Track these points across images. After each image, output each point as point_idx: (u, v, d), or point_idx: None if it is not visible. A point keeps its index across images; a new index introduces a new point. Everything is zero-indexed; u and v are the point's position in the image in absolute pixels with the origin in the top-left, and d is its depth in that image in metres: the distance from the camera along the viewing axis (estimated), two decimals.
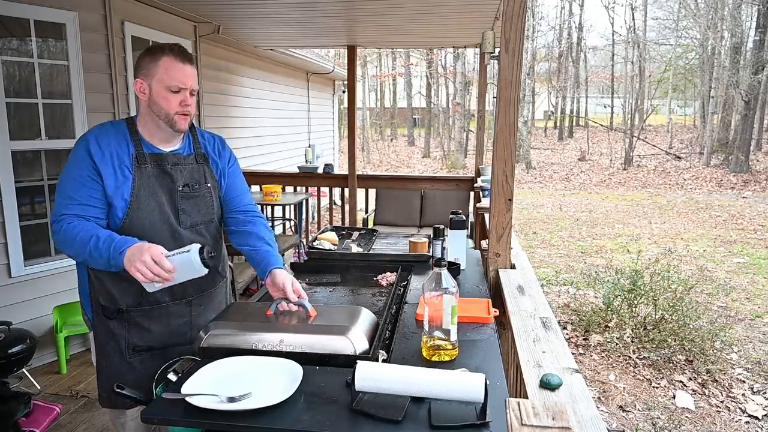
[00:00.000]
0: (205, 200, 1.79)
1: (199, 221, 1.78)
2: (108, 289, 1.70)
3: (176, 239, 1.70)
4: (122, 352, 1.73)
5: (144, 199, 1.66)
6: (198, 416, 1.17)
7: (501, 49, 2.10)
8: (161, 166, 1.70)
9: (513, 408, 1.03)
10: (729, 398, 3.60)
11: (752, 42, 16.63)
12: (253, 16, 4.68)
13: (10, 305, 3.39)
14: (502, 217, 2.21)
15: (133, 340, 1.73)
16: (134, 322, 1.73)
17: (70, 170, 1.63)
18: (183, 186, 1.73)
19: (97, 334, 1.76)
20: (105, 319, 1.72)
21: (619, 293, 4.55)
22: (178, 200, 1.72)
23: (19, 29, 3.44)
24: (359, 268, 2.31)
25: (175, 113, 1.66)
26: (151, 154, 1.70)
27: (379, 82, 29.49)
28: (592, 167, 18.02)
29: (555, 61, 24.26)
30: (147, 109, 1.68)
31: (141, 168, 1.66)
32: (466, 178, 6.19)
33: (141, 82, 1.66)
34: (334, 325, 1.49)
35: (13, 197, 3.36)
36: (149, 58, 1.66)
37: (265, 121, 7.58)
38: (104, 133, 1.68)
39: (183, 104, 1.66)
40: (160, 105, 1.65)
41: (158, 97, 1.65)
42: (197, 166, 1.79)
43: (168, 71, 1.63)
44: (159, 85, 1.64)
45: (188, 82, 1.66)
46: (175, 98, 1.65)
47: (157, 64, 1.64)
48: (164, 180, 1.70)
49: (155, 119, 1.68)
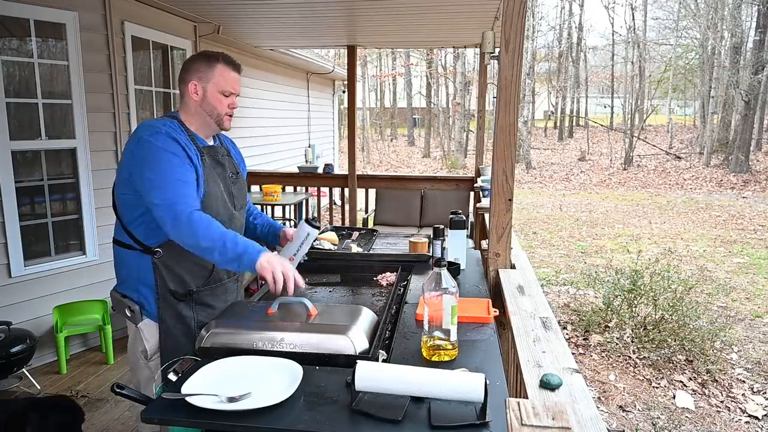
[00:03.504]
0: (243, 186, 2.00)
1: (243, 204, 1.99)
2: (178, 274, 1.81)
3: (232, 220, 1.88)
4: (191, 332, 1.82)
5: (210, 187, 1.81)
6: (198, 416, 1.17)
7: (501, 49, 2.10)
8: (215, 157, 1.88)
9: (513, 408, 1.03)
10: (729, 398, 3.60)
11: (752, 42, 16.64)
12: (253, 16, 4.68)
13: (10, 305, 3.38)
14: (502, 217, 2.21)
15: (200, 318, 1.85)
16: (201, 301, 1.86)
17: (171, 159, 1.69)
18: (231, 173, 1.93)
19: (164, 319, 1.81)
20: (174, 302, 1.81)
21: (619, 293, 4.55)
22: (230, 186, 1.91)
23: (19, 29, 3.44)
24: (359, 268, 2.31)
25: (224, 114, 1.85)
26: (206, 147, 1.86)
27: (379, 82, 29.49)
28: (592, 167, 18.02)
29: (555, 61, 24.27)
30: (198, 109, 1.83)
31: (203, 160, 1.82)
32: (466, 178, 6.19)
33: (195, 84, 1.81)
34: (334, 324, 1.49)
35: (13, 197, 3.35)
36: (205, 63, 1.82)
37: (265, 121, 7.57)
38: (169, 125, 1.77)
39: (231, 106, 1.86)
40: (213, 106, 1.82)
41: (212, 98, 1.81)
42: (229, 158, 1.97)
43: (223, 76, 1.81)
44: (214, 89, 1.81)
45: (237, 88, 1.87)
46: (226, 101, 1.84)
47: (213, 69, 1.81)
48: (218, 169, 1.88)
49: (205, 118, 1.84)
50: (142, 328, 1.82)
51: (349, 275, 2.28)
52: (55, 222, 3.66)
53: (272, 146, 7.90)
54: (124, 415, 2.98)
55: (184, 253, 1.72)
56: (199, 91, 1.81)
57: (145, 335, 1.82)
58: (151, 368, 1.83)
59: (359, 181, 6.10)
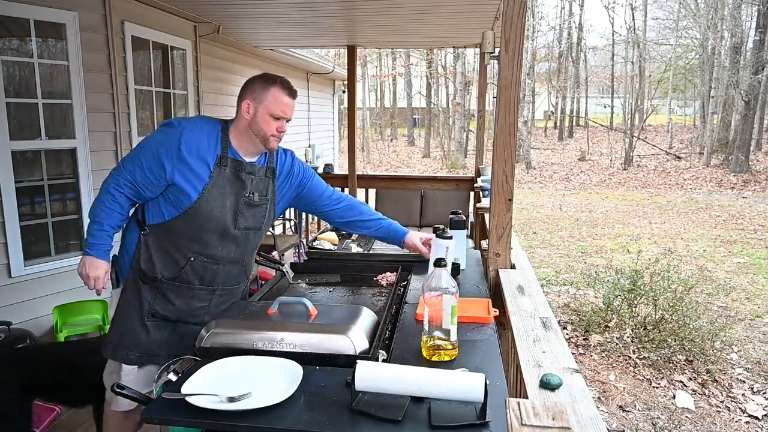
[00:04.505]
0: (262, 210, 1.99)
1: (252, 226, 1.98)
2: (152, 258, 1.90)
3: (225, 236, 1.91)
4: (142, 315, 1.93)
5: (214, 196, 1.85)
6: (198, 416, 1.17)
7: (501, 49, 2.10)
8: (238, 172, 1.90)
9: (513, 408, 1.03)
10: (729, 398, 3.60)
11: (752, 42, 16.63)
12: (253, 16, 4.68)
13: (10, 305, 3.38)
14: (502, 217, 2.21)
15: (155, 307, 1.93)
16: (163, 292, 1.92)
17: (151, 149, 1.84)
18: (250, 194, 1.93)
19: (126, 292, 1.95)
20: (139, 282, 1.92)
21: (619, 293, 4.54)
22: (241, 205, 1.92)
23: (19, 29, 3.44)
24: (359, 268, 2.31)
25: (271, 135, 1.88)
26: (233, 159, 1.89)
27: (379, 82, 29.48)
28: (592, 167, 18.02)
29: (555, 61, 24.26)
30: (247, 127, 1.88)
31: (221, 168, 1.86)
32: (466, 178, 6.19)
33: (249, 103, 1.87)
34: (334, 324, 1.49)
35: (13, 197, 3.35)
36: (262, 85, 1.87)
37: None
38: (198, 127, 1.88)
39: (279, 130, 1.89)
40: (261, 127, 1.86)
41: (261, 120, 1.85)
42: (265, 179, 1.98)
43: (276, 100, 1.86)
44: (264, 111, 1.85)
45: (288, 113, 1.89)
46: (275, 124, 1.87)
47: (268, 92, 1.86)
48: (236, 185, 1.90)
49: (251, 136, 1.89)
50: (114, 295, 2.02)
51: (349, 275, 2.28)
52: (55, 222, 3.66)
53: None
54: None
55: (165, 241, 1.89)
56: (251, 110, 1.86)
57: (113, 301, 2.02)
58: None
59: (359, 181, 6.10)
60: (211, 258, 1.93)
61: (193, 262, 1.90)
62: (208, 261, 1.92)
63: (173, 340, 1.97)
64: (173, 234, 1.89)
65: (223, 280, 2.00)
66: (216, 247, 1.92)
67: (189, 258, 1.90)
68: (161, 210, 1.89)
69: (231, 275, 2.01)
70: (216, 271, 1.95)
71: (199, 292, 1.96)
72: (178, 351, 1.94)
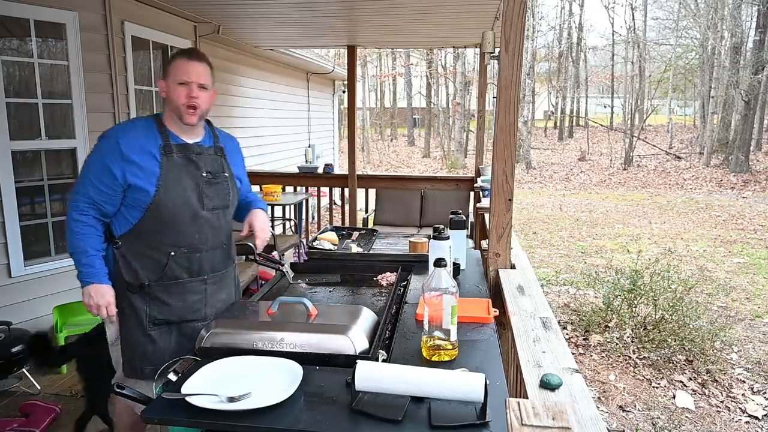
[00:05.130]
0: (224, 187, 1.99)
1: (219, 206, 1.98)
2: (133, 267, 1.89)
3: (196, 221, 1.91)
4: (143, 325, 1.92)
5: (171, 184, 1.85)
6: (198, 416, 1.17)
7: (501, 49, 2.10)
8: (187, 155, 1.91)
9: (513, 408, 1.03)
10: (729, 398, 3.60)
11: (752, 42, 16.63)
12: (253, 16, 4.68)
13: (10, 305, 3.38)
14: (502, 217, 2.21)
15: (153, 314, 1.92)
16: (155, 296, 1.91)
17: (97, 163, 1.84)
18: (206, 173, 1.93)
19: (121, 308, 1.92)
20: (128, 294, 1.90)
21: (619, 293, 4.54)
22: (202, 185, 1.92)
23: (19, 29, 3.44)
24: (359, 268, 2.31)
25: (182, 104, 1.85)
26: (177, 144, 1.90)
27: (379, 82, 29.48)
28: (592, 167, 18.02)
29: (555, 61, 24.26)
30: (166, 105, 1.91)
31: (168, 157, 1.86)
32: (466, 178, 6.18)
33: (162, 81, 1.90)
34: (334, 324, 1.49)
35: (13, 197, 3.35)
36: (169, 61, 1.91)
37: (265, 121, 7.57)
38: (133, 125, 1.91)
39: (189, 96, 1.84)
40: (171, 98, 1.87)
41: (172, 92, 1.86)
42: (216, 157, 1.99)
43: (177, 68, 1.86)
44: (171, 81, 1.86)
45: (193, 76, 1.85)
46: (183, 91, 1.84)
47: (171, 64, 1.88)
48: (190, 167, 1.90)
49: (171, 113, 1.90)
50: None
51: (349, 275, 2.28)
52: (55, 222, 3.66)
53: (272, 146, 7.90)
54: None
55: (140, 246, 1.89)
56: (164, 87, 1.89)
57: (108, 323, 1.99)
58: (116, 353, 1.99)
59: (359, 181, 6.10)
60: (191, 247, 1.92)
61: (174, 256, 1.90)
62: (189, 251, 1.92)
63: (182, 344, 1.94)
64: (145, 236, 1.88)
65: (211, 267, 1.99)
66: (192, 236, 1.91)
67: (169, 253, 1.89)
68: (126, 217, 1.88)
69: (216, 260, 2.01)
70: (200, 259, 1.95)
71: (190, 285, 1.95)
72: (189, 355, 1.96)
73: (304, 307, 1.58)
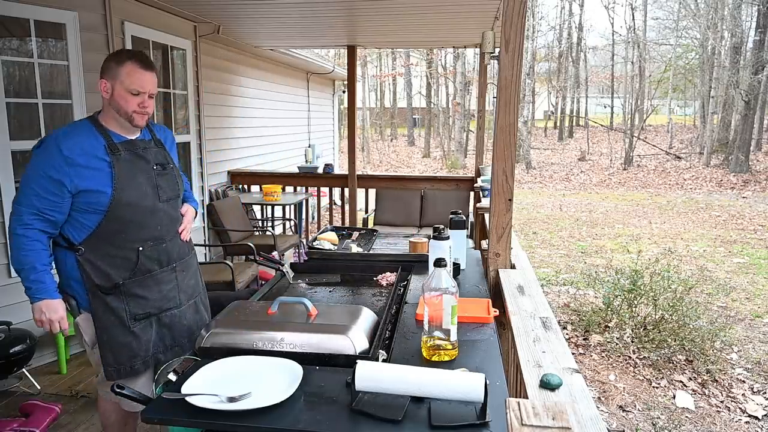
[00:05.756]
0: (173, 178, 2.03)
1: (173, 196, 2.02)
2: (102, 269, 1.87)
3: (155, 213, 1.93)
4: (124, 323, 1.92)
5: (126, 181, 1.85)
6: (198, 416, 1.17)
7: (501, 49, 2.10)
8: (134, 151, 1.91)
9: (513, 408, 1.03)
10: (729, 398, 3.60)
11: (752, 42, 16.62)
12: (253, 16, 4.68)
13: (10, 305, 3.38)
14: (502, 217, 2.21)
15: (133, 310, 1.93)
16: (131, 293, 1.92)
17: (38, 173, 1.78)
18: (156, 165, 1.96)
19: (96, 312, 1.90)
20: (102, 296, 1.88)
21: (619, 293, 4.54)
22: (155, 178, 1.94)
23: (19, 29, 3.44)
24: (359, 268, 2.31)
25: (133, 111, 1.86)
26: (122, 142, 1.89)
27: (379, 82, 29.47)
28: (592, 167, 18.02)
29: (555, 61, 24.25)
30: (108, 106, 1.88)
31: (116, 155, 1.86)
32: (466, 178, 6.18)
33: (105, 82, 1.86)
34: (334, 324, 1.49)
35: (13, 197, 3.35)
36: (114, 61, 1.85)
37: (265, 121, 7.57)
38: (70, 130, 1.85)
39: (141, 105, 1.87)
40: (119, 104, 1.85)
41: (119, 97, 1.84)
42: (159, 149, 2.02)
43: (130, 76, 1.83)
44: (120, 87, 1.83)
45: (147, 87, 1.86)
46: (134, 100, 1.85)
47: (121, 68, 1.83)
48: (139, 163, 1.91)
49: (115, 115, 1.88)
50: (79, 322, 1.95)
51: (349, 275, 2.28)
52: None
53: (272, 146, 7.90)
54: None
55: (105, 248, 1.87)
56: (108, 89, 1.85)
57: (82, 327, 1.95)
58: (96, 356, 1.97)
59: (359, 181, 6.10)
60: (156, 239, 1.96)
61: (143, 251, 1.92)
62: (155, 243, 1.96)
63: (162, 334, 2.01)
64: (109, 236, 1.86)
65: (177, 255, 2.06)
66: (155, 228, 1.95)
67: (138, 249, 1.91)
68: (81, 222, 1.85)
69: (180, 248, 2.07)
70: (166, 249, 2.00)
71: (161, 276, 1.99)
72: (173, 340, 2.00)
73: (304, 307, 1.58)
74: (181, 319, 2.07)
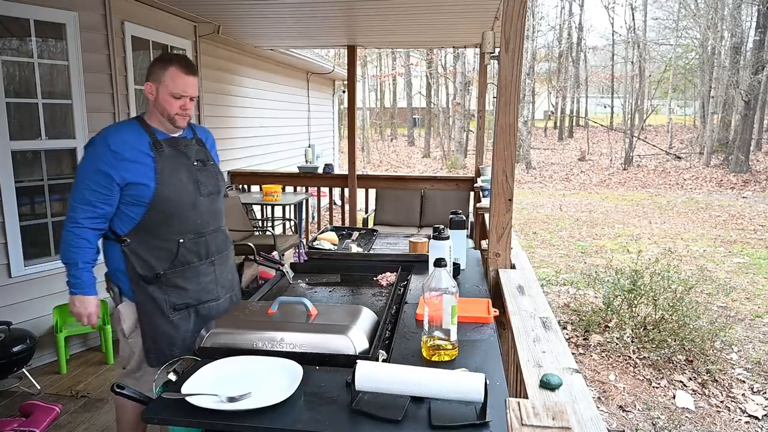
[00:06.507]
0: (213, 174, 2.13)
1: (213, 191, 2.11)
2: (145, 260, 1.98)
3: (196, 207, 2.03)
4: (164, 312, 2.02)
5: (168, 176, 1.96)
6: (198, 416, 1.17)
7: (501, 49, 2.10)
8: (176, 147, 2.03)
9: (513, 408, 1.03)
10: (729, 398, 3.60)
11: (752, 42, 16.63)
12: (253, 16, 4.68)
13: (10, 305, 3.38)
14: (502, 217, 2.21)
15: (172, 300, 2.02)
16: (171, 283, 2.02)
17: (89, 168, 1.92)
18: (196, 161, 2.07)
19: (139, 301, 2.02)
20: (144, 285, 1.99)
21: (619, 293, 4.54)
22: (195, 173, 2.04)
23: (19, 29, 3.44)
24: (359, 268, 2.31)
25: (175, 114, 1.98)
26: (165, 139, 2.01)
27: (379, 82, 29.47)
28: (592, 167, 18.02)
29: (555, 61, 24.24)
30: (152, 108, 2.00)
31: (159, 151, 1.97)
32: (466, 178, 6.18)
33: (150, 85, 1.97)
34: (334, 324, 1.49)
35: (13, 197, 3.35)
36: (160, 65, 1.97)
37: (265, 121, 7.57)
38: (118, 127, 2.02)
39: (182, 108, 1.98)
40: (163, 106, 1.97)
41: (163, 100, 1.96)
42: (199, 147, 2.13)
43: (173, 80, 1.94)
44: (164, 91, 1.95)
45: (189, 91, 1.98)
46: (176, 102, 1.97)
47: (165, 72, 1.95)
48: (180, 158, 2.02)
49: (158, 116, 2.00)
50: (120, 309, 2.04)
51: (349, 275, 2.28)
52: (55, 222, 3.66)
53: (272, 146, 7.90)
54: None
55: (149, 239, 1.98)
56: (153, 91, 1.97)
57: (123, 315, 2.05)
58: (131, 345, 2.08)
59: (359, 181, 6.09)
60: (196, 232, 2.04)
61: (183, 243, 2.01)
62: (195, 236, 2.04)
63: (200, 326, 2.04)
64: (153, 228, 1.97)
65: (216, 249, 2.13)
66: (195, 221, 2.03)
67: (179, 241, 2.00)
68: (128, 215, 1.97)
69: (219, 242, 2.15)
70: (206, 242, 2.08)
71: (201, 268, 2.08)
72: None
73: (304, 307, 1.58)
74: (218, 311, 2.13)
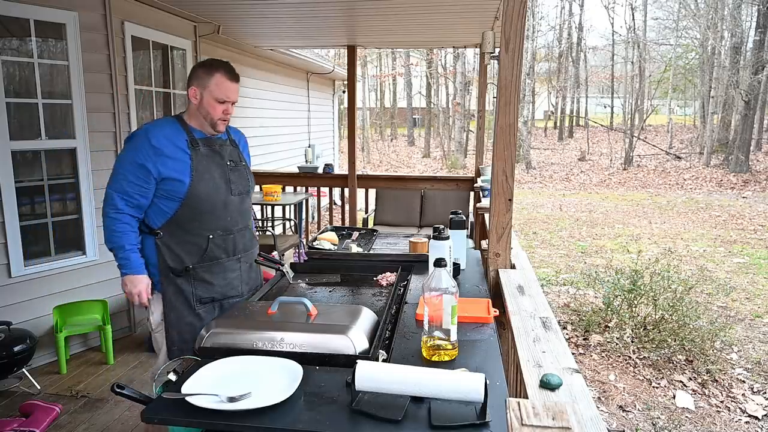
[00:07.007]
0: (245, 175, 2.22)
1: (243, 191, 2.19)
2: (176, 253, 2.06)
3: (227, 205, 2.11)
4: (191, 305, 2.10)
5: (202, 173, 2.04)
6: (198, 416, 1.17)
7: (501, 49, 2.10)
8: (211, 146, 2.12)
9: (513, 408, 1.03)
10: (729, 398, 3.60)
11: (752, 42, 16.63)
12: (253, 16, 4.68)
13: (10, 305, 3.38)
14: (502, 217, 2.21)
15: (199, 293, 2.10)
16: (199, 277, 2.09)
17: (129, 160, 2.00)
18: (229, 161, 2.15)
19: (166, 292, 2.09)
20: (173, 278, 2.07)
21: (619, 293, 4.54)
22: (228, 173, 2.13)
23: (19, 29, 3.44)
24: (359, 268, 2.31)
25: (218, 119, 2.08)
26: (201, 138, 2.10)
27: (379, 82, 29.47)
28: (592, 167, 18.02)
29: (555, 61, 24.24)
30: (196, 111, 2.09)
31: (195, 149, 2.06)
32: (466, 178, 6.18)
33: (195, 89, 2.05)
34: (334, 324, 1.49)
35: (13, 197, 3.35)
36: (205, 71, 2.05)
37: (265, 121, 7.57)
38: (158, 123, 2.12)
39: (225, 113, 2.08)
40: (207, 110, 2.06)
41: (207, 104, 2.05)
42: (233, 148, 2.22)
43: (219, 86, 2.03)
44: (209, 96, 2.03)
45: (232, 96, 2.07)
46: (220, 107, 2.06)
47: (211, 78, 2.03)
48: (215, 157, 2.11)
49: (201, 119, 2.09)
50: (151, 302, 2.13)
51: (349, 275, 2.28)
52: (55, 222, 3.66)
53: (272, 146, 7.90)
54: (124, 415, 2.98)
55: (181, 234, 2.06)
56: (197, 95, 2.05)
57: (150, 308, 2.14)
58: (157, 340, 2.17)
59: (359, 181, 6.10)
60: (225, 230, 2.13)
61: (212, 239, 2.09)
62: (224, 233, 2.12)
63: None
64: (185, 223, 2.05)
65: (243, 247, 2.21)
66: (225, 219, 2.11)
67: (208, 237, 2.08)
68: (162, 209, 2.05)
69: (246, 240, 2.23)
70: (233, 240, 2.16)
71: (228, 264, 2.15)
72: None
73: (304, 307, 1.58)
74: None
